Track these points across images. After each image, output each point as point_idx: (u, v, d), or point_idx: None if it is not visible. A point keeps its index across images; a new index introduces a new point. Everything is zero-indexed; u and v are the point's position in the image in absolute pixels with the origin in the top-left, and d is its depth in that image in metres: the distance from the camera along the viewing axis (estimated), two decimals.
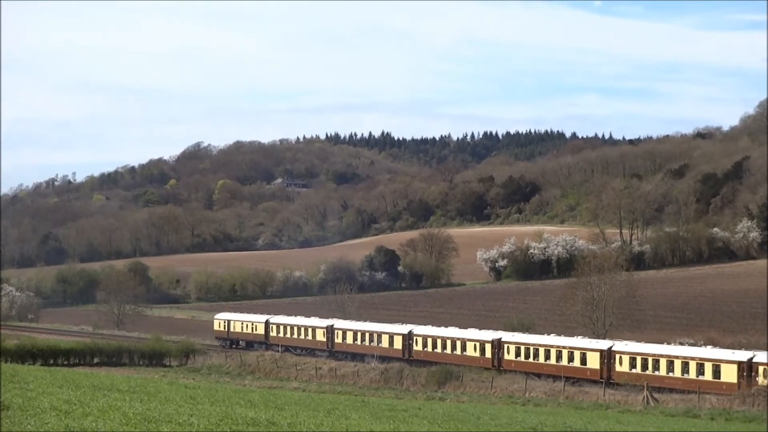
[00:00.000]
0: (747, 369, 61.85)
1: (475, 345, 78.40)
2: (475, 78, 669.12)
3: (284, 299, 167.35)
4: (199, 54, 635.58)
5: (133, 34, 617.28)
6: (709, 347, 69.52)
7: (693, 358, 64.94)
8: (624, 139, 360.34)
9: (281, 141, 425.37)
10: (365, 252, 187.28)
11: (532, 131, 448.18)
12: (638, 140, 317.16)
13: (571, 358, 71.59)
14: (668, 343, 75.74)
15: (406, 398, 59.55)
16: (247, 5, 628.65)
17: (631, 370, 67.60)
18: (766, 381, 60.40)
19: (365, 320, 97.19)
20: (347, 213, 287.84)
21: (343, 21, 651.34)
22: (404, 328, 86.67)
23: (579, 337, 77.62)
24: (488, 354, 77.24)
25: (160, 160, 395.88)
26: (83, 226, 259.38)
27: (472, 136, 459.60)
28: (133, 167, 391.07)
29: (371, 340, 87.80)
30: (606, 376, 68.57)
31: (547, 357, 73.59)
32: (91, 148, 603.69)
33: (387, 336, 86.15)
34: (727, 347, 71.92)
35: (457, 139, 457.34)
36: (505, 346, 76.36)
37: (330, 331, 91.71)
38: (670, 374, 65.38)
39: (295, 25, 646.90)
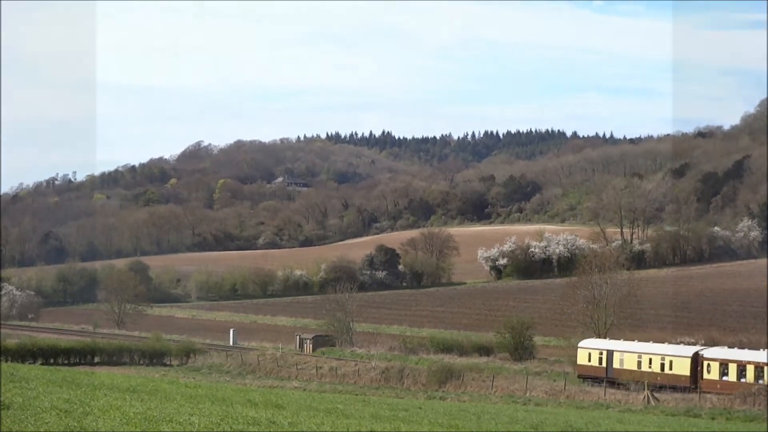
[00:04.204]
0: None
1: None
2: (476, 77, 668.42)
3: (285, 298, 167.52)
4: (199, 53, 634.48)
5: (133, 34, 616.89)
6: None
7: None
8: (625, 138, 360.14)
9: (282, 140, 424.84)
10: (366, 251, 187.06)
11: (533, 130, 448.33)
12: (639, 139, 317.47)
13: None
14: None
15: (406, 398, 59.55)
16: (248, 5, 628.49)
17: None
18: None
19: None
20: (348, 212, 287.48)
21: (343, 21, 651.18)
22: None
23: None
24: None
25: (160, 160, 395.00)
26: (84, 225, 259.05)
27: (473, 135, 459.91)
28: (133, 166, 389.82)
29: None
30: None
31: None
32: (91, 147, 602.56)
33: None
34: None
35: (458, 138, 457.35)
36: None
37: None
38: None
39: (296, 25, 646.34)
